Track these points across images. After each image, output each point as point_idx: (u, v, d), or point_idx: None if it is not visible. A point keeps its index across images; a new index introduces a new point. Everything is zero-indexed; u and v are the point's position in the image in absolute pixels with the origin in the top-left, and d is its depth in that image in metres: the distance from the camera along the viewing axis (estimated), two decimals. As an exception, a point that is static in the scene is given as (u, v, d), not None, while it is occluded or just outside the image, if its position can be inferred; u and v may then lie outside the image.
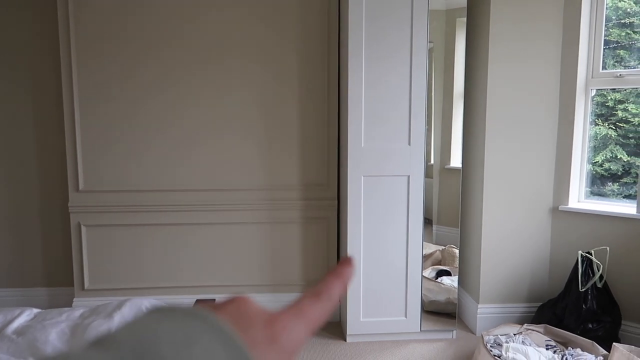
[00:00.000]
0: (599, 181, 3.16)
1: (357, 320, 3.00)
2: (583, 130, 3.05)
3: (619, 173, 3.12)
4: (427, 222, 3.04)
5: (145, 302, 1.99)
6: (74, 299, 3.20)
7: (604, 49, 3.01)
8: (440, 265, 3.29)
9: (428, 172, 2.99)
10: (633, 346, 2.49)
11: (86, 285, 3.19)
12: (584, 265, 2.80)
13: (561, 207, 3.05)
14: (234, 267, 3.26)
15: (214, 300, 2.16)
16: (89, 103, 3.08)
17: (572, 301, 2.79)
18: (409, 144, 2.91)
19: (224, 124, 3.17)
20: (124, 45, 3.07)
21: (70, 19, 3.00)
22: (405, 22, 2.84)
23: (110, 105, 3.10)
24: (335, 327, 3.22)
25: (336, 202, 3.27)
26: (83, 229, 3.15)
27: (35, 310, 1.98)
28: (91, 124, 3.10)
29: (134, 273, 3.20)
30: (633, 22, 3.07)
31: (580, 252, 2.83)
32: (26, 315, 1.90)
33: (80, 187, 3.12)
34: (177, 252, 3.22)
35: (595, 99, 3.08)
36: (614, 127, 3.11)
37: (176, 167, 3.17)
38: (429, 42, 2.90)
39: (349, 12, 2.82)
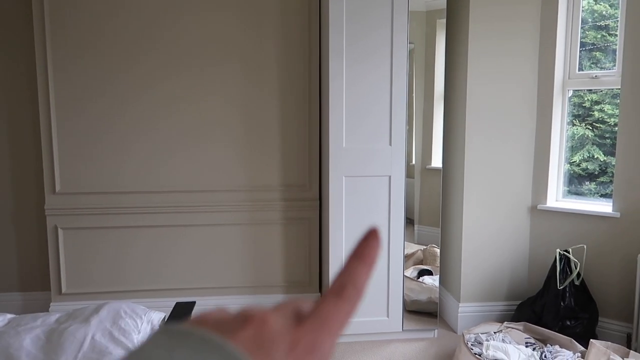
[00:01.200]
0: (577, 180, 3.21)
1: (339, 321, 2.99)
2: (560, 130, 3.10)
3: (596, 172, 3.18)
4: (409, 222, 3.05)
5: (124, 306, 1.96)
6: (51, 304, 3.13)
7: (580, 50, 3.07)
8: (422, 264, 3.31)
9: (409, 172, 3.00)
10: (609, 342, 2.54)
11: (64, 290, 3.12)
12: (562, 263, 2.84)
13: (540, 206, 3.09)
14: (215, 269, 3.23)
15: (194, 303, 2.13)
16: (66, 103, 3.02)
17: (550, 299, 2.83)
18: (390, 144, 2.92)
19: (204, 125, 3.14)
20: (103, 45, 3.02)
21: (47, 19, 2.94)
22: (386, 22, 2.85)
23: (88, 105, 3.04)
24: (317, 328, 3.21)
25: (318, 202, 3.26)
26: (60, 232, 3.09)
27: (9, 316, 1.93)
28: (68, 124, 3.04)
29: (114, 276, 3.15)
30: (608, 24, 3.14)
31: (558, 250, 2.88)
32: (0, 321, 1.85)
33: (57, 189, 3.06)
34: (158, 254, 3.17)
35: (572, 99, 3.14)
36: (590, 128, 3.17)
37: (156, 169, 3.12)
38: (410, 43, 2.91)
39: (329, 13, 2.82)
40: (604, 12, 3.16)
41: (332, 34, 2.83)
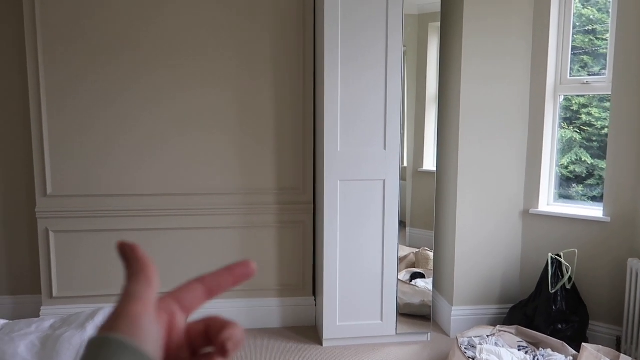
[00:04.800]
0: (565, 183, 3.25)
1: (333, 325, 3.00)
2: (552, 135, 3.14)
3: (584, 175, 3.23)
4: (401, 224, 3.07)
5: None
6: (42, 307, 3.09)
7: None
8: (414, 267, 3.33)
9: (402, 174, 3.02)
10: (600, 346, 2.57)
11: (55, 293, 3.09)
12: (554, 267, 2.88)
13: (532, 211, 3.12)
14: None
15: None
16: (58, 105, 2.99)
17: (542, 302, 2.86)
18: (385, 148, 2.93)
19: (197, 127, 3.12)
20: (91, 43, 2.99)
21: (37, 18, 2.91)
22: (380, 26, 2.86)
23: (79, 107, 3.02)
24: (311, 332, 3.22)
25: (312, 206, 3.26)
26: (51, 234, 3.06)
27: (2, 322, 1.90)
28: (59, 126, 3.01)
29: (105, 280, 3.12)
30: (596, 28, 3.18)
31: (550, 254, 2.91)
32: (-8, 327, 1.83)
33: (48, 191, 3.02)
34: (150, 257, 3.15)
35: (561, 103, 3.17)
36: (578, 131, 3.21)
37: (148, 171, 3.10)
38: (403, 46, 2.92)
39: (324, 16, 2.83)
40: (591, 17, 3.20)
41: (328, 37, 2.83)
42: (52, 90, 2.98)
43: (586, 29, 3.20)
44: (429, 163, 3.24)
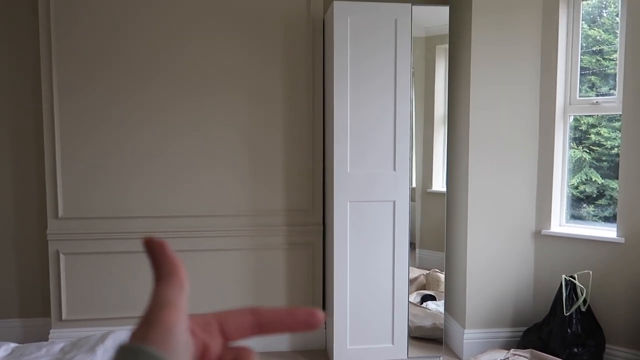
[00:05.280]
0: (575, 203, 3.22)
1: (343, 348, 2.96)
2: (562, 156, 3.12)
3: (594, 195, 3.20)
4: (410, 245, 3.04)
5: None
6: (51, 330, 3.08)
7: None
8: (425, 289, 3.29)
9: (411, 195, 3.01)
10: (618, 370, 2.51)
11: (64, 316, 3.08)
12: (568, 289, 2.83)
13: (544, 232, 3.09)
14: (218, 294, 3.20)
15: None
16: (71, 127, 3.03)
17: (557, 325, 2.81)
18: (394, 169, 2.93)
19: (208, 149, 3.15)
20: (109, 70, 3.04)
21: (53, 44, 2.97)
22: (389, 48, 2.89)
23: (93, 130, 3.05)
24: (321, 356, 3.17)
25: (322, 227, 3.25)
26: (62, 257, 3.06)
27: (12, 345, 1.89)
28: (72, 148, 3.04)
29: (115, 303, 3.11)
30: (603, 49, 3.19)
31: (563, 276, 2.87)
32: (3, 351, 1.82)
33: (60, 213, 3.04)
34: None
35: (570, 123, 3.17)
36: (588, 150, 3.20)
37: (159, 194, 3.12)
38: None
39: (334, 43, 2.86)
40: (598, 37, 3.21)
41: (337, 60, 2.86)
42: (65, 115, 3.02)
43: (593, 49, 3.21)
44: (438, 184, 3.23)
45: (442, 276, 3.21)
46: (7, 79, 3.14)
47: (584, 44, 3.16)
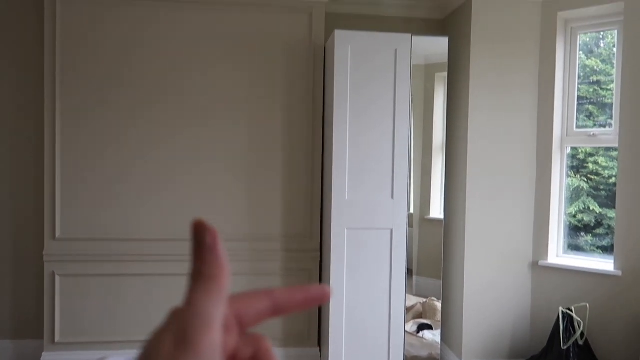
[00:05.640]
0: (573, 232, 3.22)
1: (338, 377, 2.92)
2: (560, 187, 3.13)
3: (592, 224, 3.19)
4: (408, 272, 3.03)
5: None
6: (43, 353, 3.05)
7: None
8: (422, 318, 3.27)
9: (409, 221, 3.01)
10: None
11: (57, 339, 3.05)
12: (565, 322, 2.81)
13: (541, 263, 3.08)
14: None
15: None
16: (71, 150, 3.04)
17: (554, 358, 2.78)
18: (392, 197, 2.93)
19: (206, 172, 3.15)
20: (110, 97, 3.06)
21: (57, 69, 3.00)
22: (389, 77, 2.92)
23: (92, 152, 3.07)
24: (315, 384, 3.13)
25: (319, 253, 3.24)
26: (57, 278, 3.05)
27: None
28: (71, 171, 3.05)
29: (109, 326, 3.08)
30: (600, 79, 3.22)
31: (561, 308, 2.85)
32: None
33: (57, 234, 3.04)
34: (156, 304, 3.12)
35: (568, 152, 3.18)
36: (585, 179, 3.20)
37: (157, 217, 3.12)
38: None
39: (334, 70, 2.89)
40: (595, 68, 3.25)
41: (337, 87, 2.89)
42: (66, 135, 3.04)
43: (590, 80, 3.25)
44: (436, 210, 3.24)
45: (439, 305, 3.19)
46: (10, 101, 3.17)
47: (581, 74, 3.19)
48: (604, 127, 3.11)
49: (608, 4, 2.88)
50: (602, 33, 3.20)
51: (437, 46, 3.13)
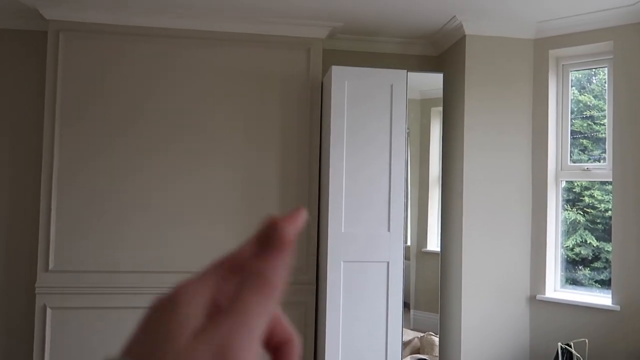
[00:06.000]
0: (571, 266, 3.21)
1: (334, 415, 2.86)
2: (556, 221, 3.14)
3: (590, 258, 3.19)
4: (405, 305, 3.00)
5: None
6: (31, 389, 2.97)
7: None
8: (419, 353, 3.22)
9: (405, 254, 3.00)
10: None
11: (46, 374, 2.98)
12: (564, 357, 2.77)
13: (538, 297, 3.06)
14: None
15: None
16: (67, 182, 3.05)
17: (554, 396, 2.73)
18: (389, 230, 2.93)
19: (202, 206, 3.15)
20: (105, 137, 3.09)
21: (58, 92, 3.04)
22: (385, 111, 2.97)
23: (88, 184, 3.07)
24: (311, 422, 3.05)
25: (315, 286, 3.21)
26: (48, 311, 3.00)
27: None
28: (67, 202, 3.04)
29: (100, 360, 3.02)
30: (593, 114, 3.28)
31: (559, 344, 2.81)
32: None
33: (50, 266, 3.01)
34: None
35: (563, 186, 3.21)
36: (582, 213, 3.22)
37: (153, 248, 3.10)
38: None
39: (331, 102, 2.94)
40: (588, 103, 3.31)
41: (334, 121, 2.93)
42: (63, 167, 3.04)
43: (584, 115, 3.31)
44: (433, 243, 3.23)
45: (436, 340, 3.15)
46: (9, 133, 3.19)
47: (575, 109, 3.25)
48: (599, 161, 3.15)
49: (598, 42, 2.97)
50: (593, 70, 3.28)
51: (432, 82, 3.20)
